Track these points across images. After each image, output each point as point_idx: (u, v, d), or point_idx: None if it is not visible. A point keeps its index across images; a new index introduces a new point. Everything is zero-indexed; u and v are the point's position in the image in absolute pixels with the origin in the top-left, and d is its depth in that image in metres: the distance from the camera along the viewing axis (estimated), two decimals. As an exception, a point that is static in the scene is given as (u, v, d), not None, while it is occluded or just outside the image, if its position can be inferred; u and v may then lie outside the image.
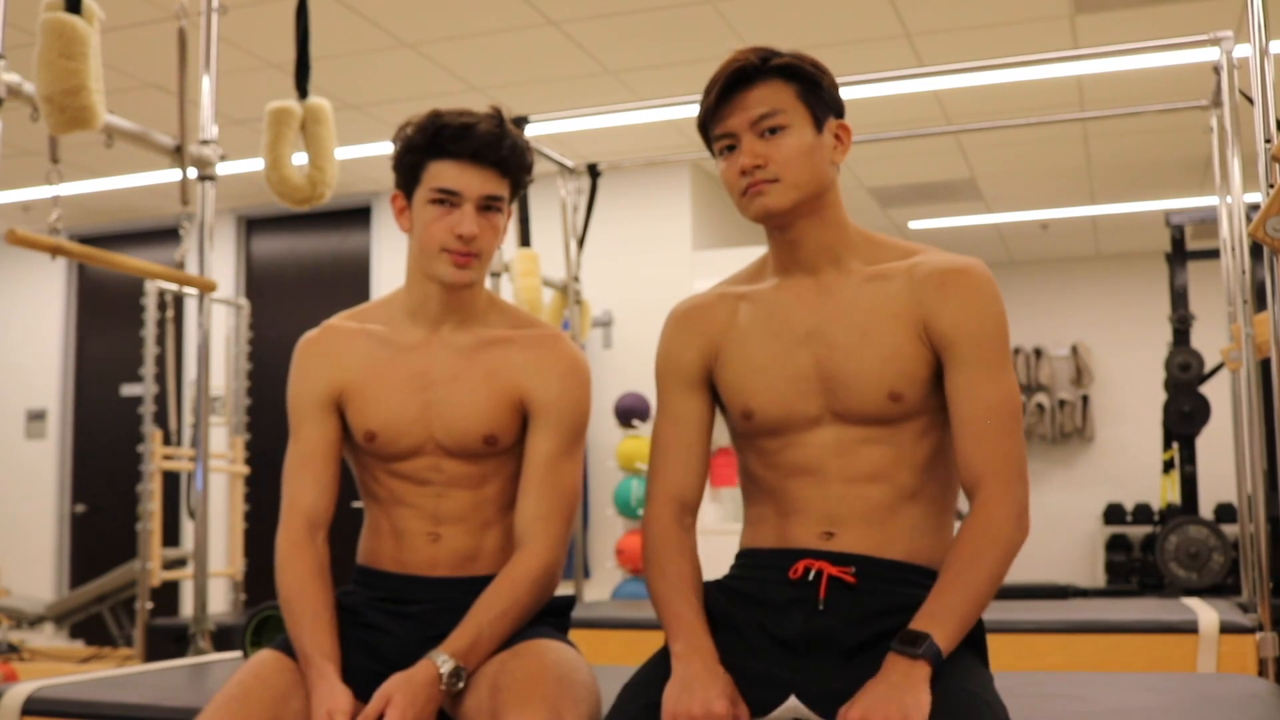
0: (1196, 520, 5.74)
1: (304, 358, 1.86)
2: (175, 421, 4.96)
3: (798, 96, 1.59)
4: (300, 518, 1.78)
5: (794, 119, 1.58)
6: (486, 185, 1.74)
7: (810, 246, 1.63)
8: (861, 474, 1.59)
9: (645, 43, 4.75)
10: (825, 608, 1.54)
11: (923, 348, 1.57)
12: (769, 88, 1.58)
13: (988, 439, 1.53)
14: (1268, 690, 1.96)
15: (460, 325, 1.84)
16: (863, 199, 7.10)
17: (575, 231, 4.47)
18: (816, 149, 1.60)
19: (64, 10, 2.51)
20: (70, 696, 2.13)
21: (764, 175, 1.58)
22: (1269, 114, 2.57)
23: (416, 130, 1.75)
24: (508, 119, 1.78)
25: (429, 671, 1.61)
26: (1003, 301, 1.59)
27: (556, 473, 1.79)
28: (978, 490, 1.53)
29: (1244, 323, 3.22)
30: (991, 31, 4.65)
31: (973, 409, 1.54)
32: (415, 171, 1.76)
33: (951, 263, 1.60)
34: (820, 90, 1.61)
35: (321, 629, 1.69)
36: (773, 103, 1.58)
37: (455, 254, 1.75)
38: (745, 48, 1.61)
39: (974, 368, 1.55)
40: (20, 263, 7.45)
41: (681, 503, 1.68)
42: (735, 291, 1.71)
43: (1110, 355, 8.80)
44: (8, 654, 5.75)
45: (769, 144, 1.58)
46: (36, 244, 2.61)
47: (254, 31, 4.45)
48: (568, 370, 1.82)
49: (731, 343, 1.67)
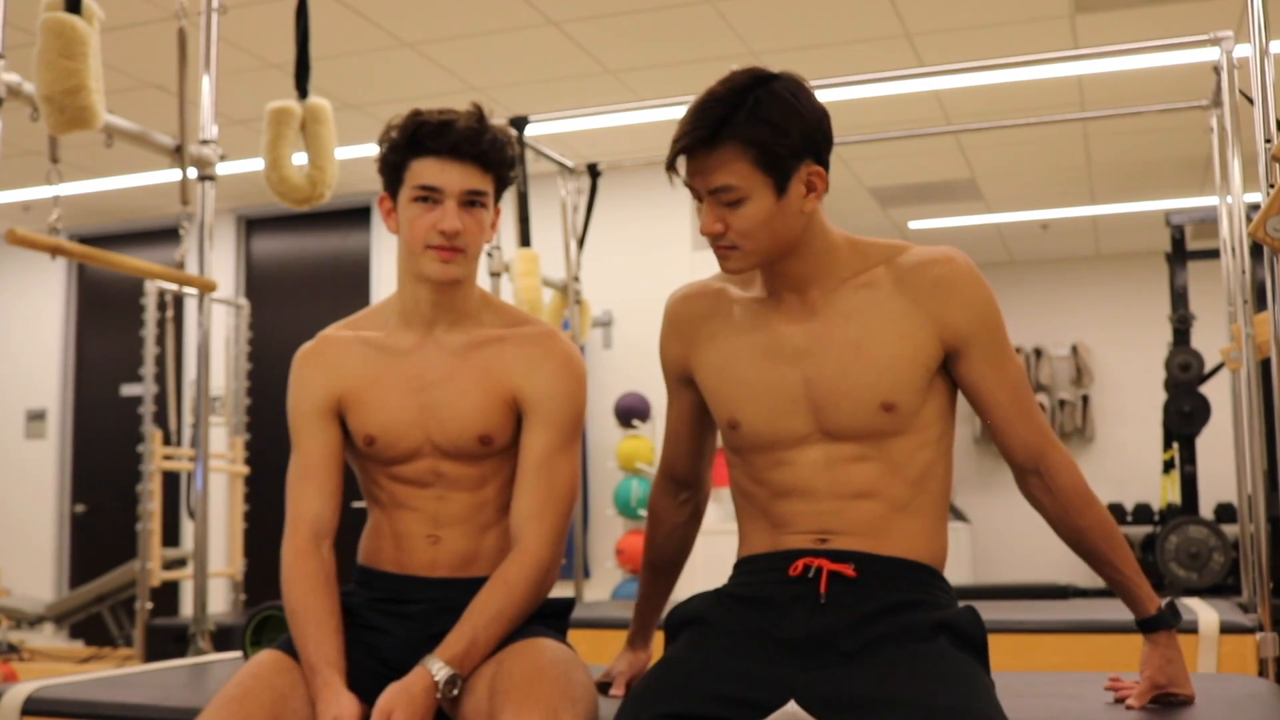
0: (1197, 520, 5.74)
1: (302, 369, 1.86)
2: (175, 421, 4.96)
3: (755, 165, 1.50)
4: (305, 527, 1.78)
5: (752, 188, 1.52)
6: (468, 180, 1.75)
7: (793, 275, 1.63)
8: (853, 491, 1.59)
9: (645, 43, 4.75)
10: (827, 603, 1.54)
11: (923, 351, 1.58)
12: (724, 159, 1.51)
13: (1026, 415, 1.62)
14: (1268, 690, 1.95)
15: (453, 326, 1.84)
16: (863, 199, 7.10)
17: (575, 231, 4.47)
18: (778, 213, 1.54)
19: (64, 10, 2.51)
20: (70, 696, 2.12)
21: (724, 242, 1.57)
22: (1269, 114, 2.57)
23: (397, 130, 1.77)
24: (489, 115, 1.78)
25: (425, 680, 1.61)
26: (989, 285, 1.63)
27: (551, 469, 1.78)
28: (1040, 461, 1.63)
29: (1244, 323, 3.22)
30: (991, 31, 4.64)
31: (1004, 393, 1.61)
32: (398, 171, 1.77)
33: (935, 255, 1.61)
34: (781, 148, 1.50)
35: (326, 637, 1.68)
36: (727, 177, 1.51)
37: (439, 250, 1.75)
38: (712, 91, 1.53)
39: (993, 356, 1.60)
40: (20, 263, 7.45)
41: (676, 481, 1.82)
42: (730, 293, 1.71)
43: (1110, 355, 8.79)
44: (8, 654, 5.76)
45: (729, 213, 1.54)
46: (36, 244, 2.61)
47: (254, 31, 4.45)
48: (561, 366, 1.82)
49: (712, 344, 1.68)
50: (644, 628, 1.95)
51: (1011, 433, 1.62)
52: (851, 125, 5.58)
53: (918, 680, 1.45)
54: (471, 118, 1.75)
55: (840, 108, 5.34)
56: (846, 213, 7.34)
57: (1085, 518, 1.63)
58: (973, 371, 1.60)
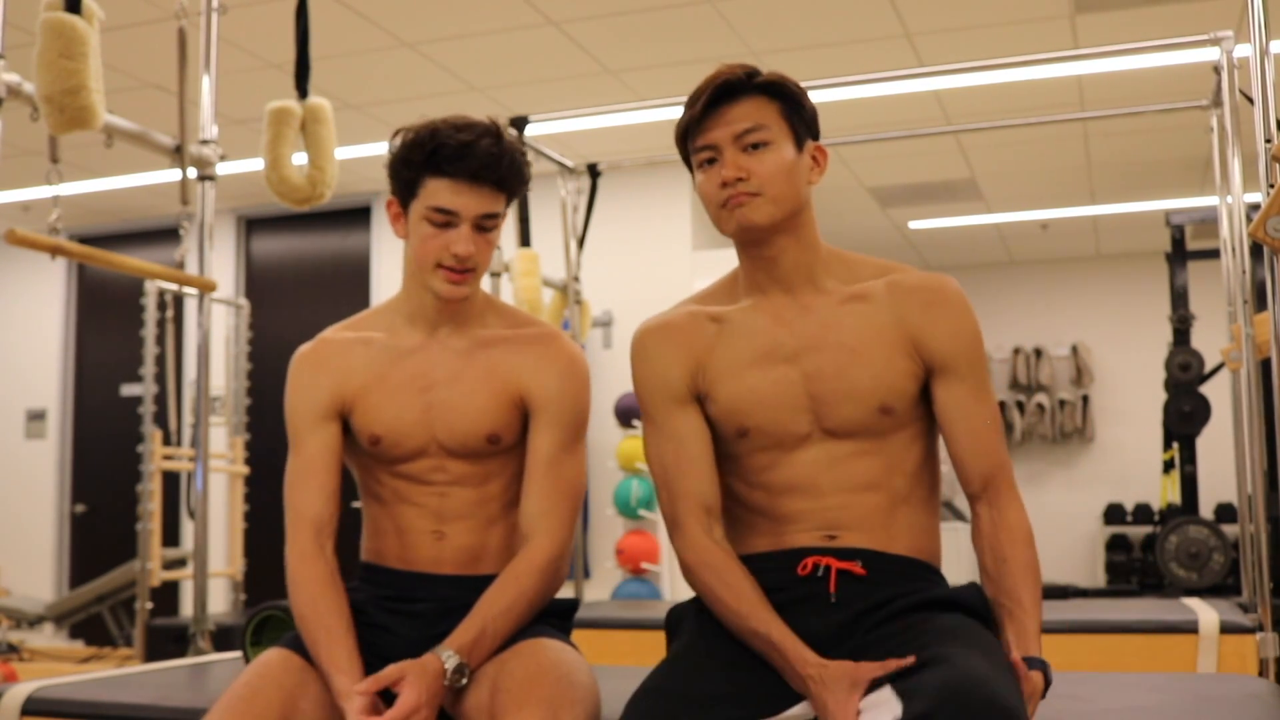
0: (1197, 520, 5.74)
1: (301, 370, 1.86)
2: (175, 421, 4.96)
3: (781, 114, 1.61)
4: (308, 529, 1.77)
5: (777, 135, 1.61)
6: (484, 205, 1.74)
7: (787, 264, 1.64)
8: (857, 484, 1.61)
9: (645, 43, 4.75)
10: (837, 601, 1.55)
11: (911, 363, 1.61)
12: (753, 103, 1.61)
13: (986, 449, 1.62)
14: (1268, 690, 1.96)
15: (458, 327, 1.84)
16: (863, 199, 7.09)
17: (575, 231, 4.47)
18: (796, 167, 1.62)
19: (64, 10, 2.51)
20: (70, 696, 2.13)
21: (746, 188, 1.59)
22: (1269, 114, 2.57)
23: (413, 146, 1.73)
24: (505, 131, 1.76)
25: (436, 665, 1.62)
26: (976, 317, 1.66)
27: (559, 468, 1.79)
28: (987, 492, 1.62)
29: (1244, 323, 3.22)
30: (991, 31, 4.65)
31: (970, 422, 1.62)
32: (412, 186, 1.75)
33: (929, 281, 1.65)
34: (802, 110, 1.64)
35: (337, 641, 1.68)
36: (757, 118, 1.60)
37: (450, 271, 1.75)
38: (729, 64, 1.62)
39: (970, 384, 1.62)
40: (20, 263, 7.45)
41: (709, 514, 1.66)
42: (707, 311, 1.70)
43: (1110, 355, 8.79)
44: (8, 654, 5.76)
45: (752, 158, 1.59)
46: (36, 244, 2.61)
47: (254, 31, 4.45)
48: (566, 367, 1.83)
49: (719, 360, 1.67)
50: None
51: (966, 461, 1.62)
52: (851, 125, 5.58)
53: (938, 643, 1.43)
54: (490, 139, 1.72)
55: (840, 108, 5.35)
56: (846, 213, 7.34)
57: (1017, 551, 1.60)
58: (946, 396, 1.62)
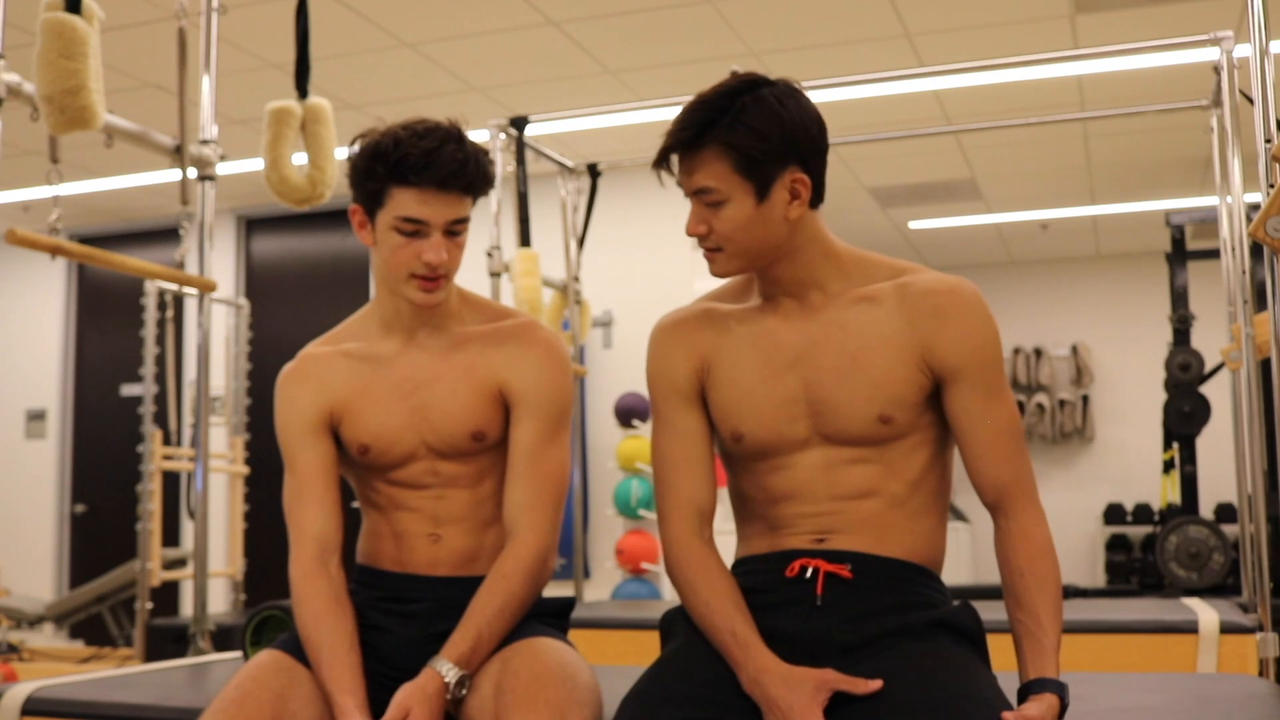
0: (1196, 520, 5.74)
1: (287, 387, 1.85)
2: (175, 421, 4.96)
3: (735, 168, 1.52)
4: (310, 546, 1.76)
5: (732, 192, 1.53)
6: (452, 210, 1.71)
7: (787, 280, 1.62)
8: (851, 491, 1.59)
9: (645, 43, 4.75)
10: (823, 604, 1.54)
11: (917, 373, 1.57)
12: (705, 160, 1.53)
13: (1003, 457, 1.57)
14: (1268, 690, 1.96)
15: (436, 329, 1.83)
16: (863, 199, 7.10)
17: (575, 231, 4.48)
18: (759, 218, 1.54)
19: (64, 10, 2.50)
20: (70, 696, 2.13)
21: (708, 244, 1.58)
22: (1269, 114, 2.57)
23: (376, 156, 1.69)
24: (466, 132, 1.73)
25: (437, 682, 1.60)
26: (995, 321, 1.59)
27: (541, 460, 1.77)
28: (1002, 503, 1.58)
29: (1244, 323, 3.22)
30: (991, 31, 4.65)
31: (985, 431, 1.57)
32: (378, 197, 1.71)
33: (942, 284, 1.59)
34: (760, 159, 1.51)
35: (339, 660, 1.66)
36: (707, 179, 1.53)
37: (424, 280, 1.73)
38: (702, 95, 1.54)
39: (981, 391, 1.57)
40: (20, 263, 7.45)
41: (700, 514, 1.65)
42: (721, 309, 1.69)
43: (1110, 355, 8.80)
44: (8, 654, 5.76)
45: (711, 214, 1.56)
46: (36, 244, 2.61)
47: (254, 31, 4.45)
48: (543, 356, 1.81)
49: (721, 362, 1.66)
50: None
51: (981, 469, 1.57)
52: (851, 125, 5.58)
53: (919, 675, 1.44)
54: (454, 143, 1.69)
55: (840, 108, 5.35)
56: (846, 213, 7.34)
57: (1034, 565, 1.55)
58: (956, 404, 1.57)
